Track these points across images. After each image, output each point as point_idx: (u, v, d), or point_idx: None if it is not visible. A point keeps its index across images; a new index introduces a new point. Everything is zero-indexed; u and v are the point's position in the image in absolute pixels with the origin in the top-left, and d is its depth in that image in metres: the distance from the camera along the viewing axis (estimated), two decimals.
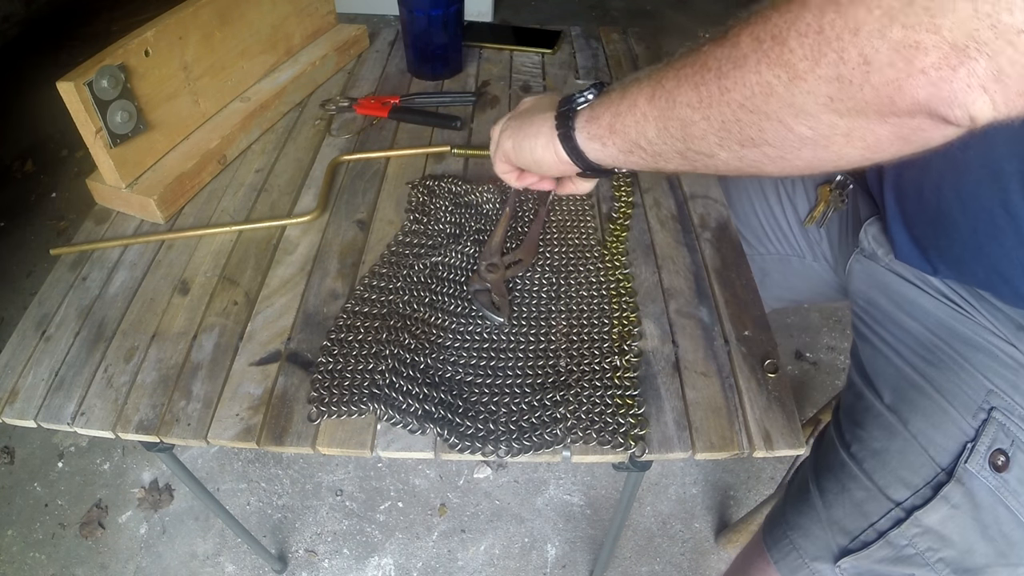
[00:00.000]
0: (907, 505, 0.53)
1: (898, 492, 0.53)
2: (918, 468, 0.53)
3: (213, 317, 0.60)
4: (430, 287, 0.61)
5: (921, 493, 0.52)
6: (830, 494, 0.59)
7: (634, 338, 0.57)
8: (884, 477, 0.55)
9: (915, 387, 0.56)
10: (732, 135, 0.35)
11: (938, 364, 0.55)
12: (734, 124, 0.35)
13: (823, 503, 0.59)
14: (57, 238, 1.68)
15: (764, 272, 0.81)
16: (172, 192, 0.70)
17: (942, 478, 0.51)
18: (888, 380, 0.59)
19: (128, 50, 0.64)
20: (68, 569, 1.11)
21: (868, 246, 0.65)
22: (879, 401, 0.58)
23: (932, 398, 0.54)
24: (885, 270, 0.64)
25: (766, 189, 0.78)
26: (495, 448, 0.49)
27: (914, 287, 0.61)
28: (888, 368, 0.59)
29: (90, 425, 0.52)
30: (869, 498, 0.55)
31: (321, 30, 0.95)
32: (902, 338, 0.60)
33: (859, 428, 0.59)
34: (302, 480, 1.23)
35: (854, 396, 0.62)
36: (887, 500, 0.54)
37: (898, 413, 0.56)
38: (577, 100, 0.46)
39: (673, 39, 2.53)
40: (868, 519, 0.55)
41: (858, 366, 0.64)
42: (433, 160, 0.79)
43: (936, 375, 0.55)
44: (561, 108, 0.47)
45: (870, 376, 0.61)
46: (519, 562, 1.13)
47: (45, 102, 0.92)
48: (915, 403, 0.55)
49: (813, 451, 0.65)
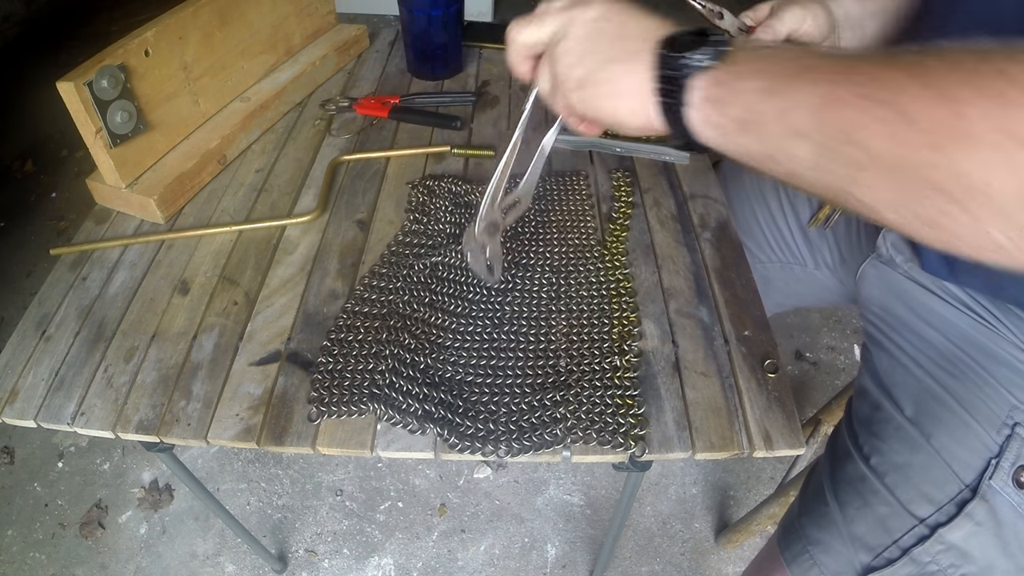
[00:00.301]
0: (931, 522, 0.52)
1: (922, 508, 0.52)
2: (942, 484, 0.52)
3: (213, 317, 0.60)
4: (430, 287, 0.61)
5: (945, 510, 0.51)
6: (851, 508, 0.57)
7: (634, 338, 0.57)
8: (907, 492, 0.53)
9: (937, 400, 0.54)
10: (911, 207, 0.28)
11: (960, 377, 0.54)
12: (920, 198, 0.27)
13: (843, 517, 0.58)
14: (57, 238, 1.68)
15: (766, 280, 0.80)
16: (172, 192, 0.70)
17: (966, 495, 0.50)
18: (908, 391, 0.57)
19: (128, 50, 0.64)
20: (68, 569, 1.11)
21: (886, 252, 0.63)
22: (899, 413, 0.56)
23: (955, 412, 0.53)
24: (903, 277, 0.62)
25: (767, 196, 0.78)
26: (495, 448, 0.49)
27: (934, 296, 0.59)
28: (908, 379, 0.58)
29: (90, 425, 0.52)
30: (892, 514, 0.54)
31: (321, 30, 0.95)
32: (922, 348, 0.58)
33: (878, 439, 0.57)
34: (302, 480, 1.23)
35: (870, 406, 0.60)
36: (911, 516, 0.53)
37: (920, 427, 0.55)
38: (691, 62, 0.34)
39: None
40: (891, 535, 0.54)
41: (873, 374, 0.62)
42: (433, 160, 0.79)
43: (959, 388, 0.54)
44: (665, 66, 0.35)
45: (888, 386, 0.59)
46: (519, 562, 1.13)
47: (45, 102, 0.92)
48: (938, 417, 0.54)
49: (828, 460, 0.63)
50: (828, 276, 0.76)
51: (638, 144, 0.78)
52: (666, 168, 0.77)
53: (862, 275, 0.67)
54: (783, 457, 0.56)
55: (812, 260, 0.76)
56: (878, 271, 0.65)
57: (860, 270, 0.68)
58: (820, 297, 0.80)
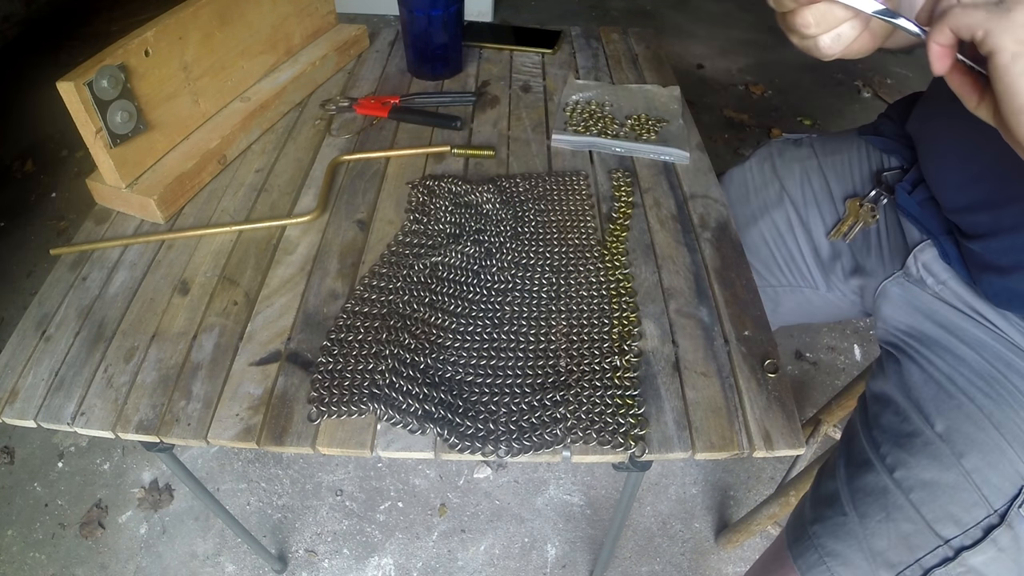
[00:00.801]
0: (956, 544, 0.51)
1: (947, 529, 0.51)
2: (970, 507, 0.51)
3: (213, 317, 0.60)
4: (430, 287, 0.61)
5: (971, 533, 0.51)
6: (872, 520, 0.56)
7: (634, 338, 0.57)
8: (934, 512, 0.52)
9: (971, 420, 0.53)
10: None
11: (996, 398, 0.53)
12: None
13: (864, 530, 0.56)
14: (57, 238, 1.68)
15: (776, 303, 0.79)
16: (172, 192, 0.70)
17: (994, 520, 0.50)
18: (941, 408, 0.55)
19: (128, 50, 0.64)
20: (68, 569, 1.11)
21: (916, 272, 0.62)
22: (930, 428, 0.55)
23: (989, 434, 0.52)
24: (933, 298, 0.61)
25: (775, 215, 0.76)
26: (495, 448, 0.49)
27: (967, 316, 0.58)
28: (940, 395, 0.56)
29: (90, 425, 0.52)
30: (916, 532, 0.53)
31: (321, 30, 0.95)
32: (956, 366, 0.57)
33: (905, 452, 0.55)
34: (302, 480, 1.23)
35: (896, 415, 0.58)
36: (935, 536, 0.52)
37: (952, 445, 0.53)
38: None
39: (673, 39, 2.53)
40: (914, 554, 0.53)
41: (902, 386, 0.60)
42: (433, 160, 0.79)
43: (995, 411, 0.53)
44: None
45: (918, 400, 0.57)
46: (519, 562, 1.13)
47: (45, 102, 0.92)
48: (971, 437, 0.52)
49: (844, 465, 0.61)
50: (841, 297, 0.74)
51: (638, 144, 0.78)
52: (666, 168, 0.77)
53: (883, 292, 0.66)
54: (783, 457, 0.57)
55: (824, 282, 0.74)
56: (904, 290, 0.64)
57: (881, 286, 0.66)
58: (831, 315, 0.78)
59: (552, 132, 0.81)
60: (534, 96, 0.90)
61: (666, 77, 0.94)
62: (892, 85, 2.29)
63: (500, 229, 0.67)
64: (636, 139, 0.79)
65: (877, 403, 0.61)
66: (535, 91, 0.91)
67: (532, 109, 0.87)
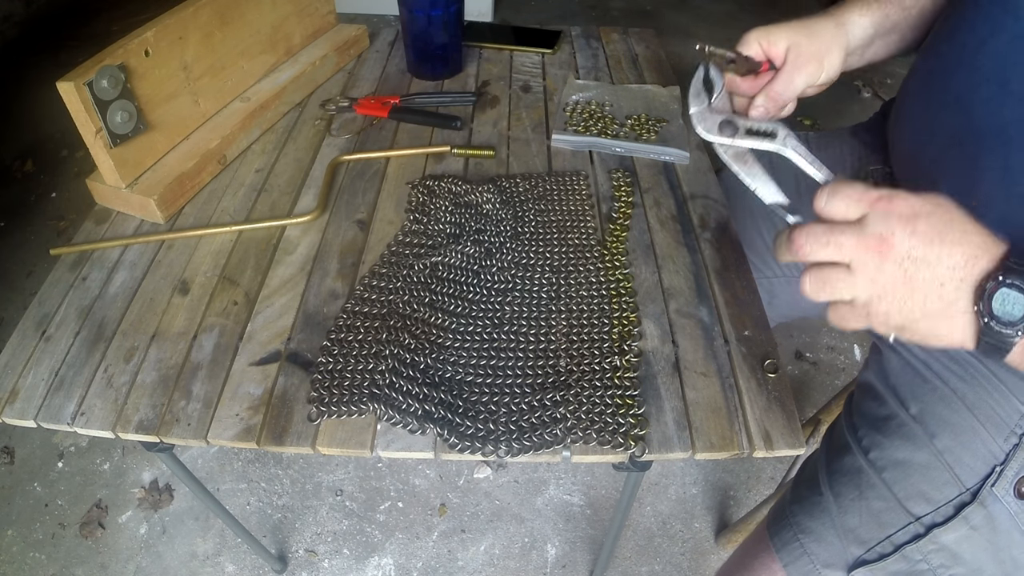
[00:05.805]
0: (927, 521, 0.52)
1: (918, 507, 0.52)
2: (941, 485, 0.52)
3: (213, 317, 0.60)
4: (430, 287, 0.61)
5: (942, 511, 0.51)
6: (845, 499, 0.57)
7: (634, 338, 0.57)
8: (905, 489, 0.53)
9: (945, 402, 0.54)
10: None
11: (971, 381, 0.54)
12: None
13: (837, 508, 0.58)
14: (57, 238, 1.68)
15: (771, 294, 0.80)
16: (172, 192, 0.70)
17: (966, 498, 0.51)
18: (916, 391, 0.57)
19: (128, 50, 0.64)
20: (68, 569, 1.11)
21: None
22: (904, 411, 0.56)
23: (963, 416, 0.53)
24: None
25: (770, 210, 0.77)
26: (495, 448, 0.49)
27: None
28: (916, 380, 0.57)
29: (90, 425, 0.52)
30: (887, 509, 0.54)
31: (321, 30, 0.95)
32: (932, 352, 0.57)
33: (879, 434, 0.57)
34: (302, 480, 1.23)
35: (874, 400, 0.60)
36: (906, 513, 0.53)
37: (925, 426, 0.54)
38: (1015, 334, 0.36)
39: (673, 39, 2.53)
40: (885, 530, 0.54)
41: (881, 373, 0.61)
42: (433, 160, 0.79)
43: (969, 393, 0.53)
44: (987, 336, 0.37)
45: (895, 386, 0.59)
46: (519, 562, 1.13)
47: (45, 102, 0.92)
48: (944, 419, 0.53)
49: (824, 451, 0.63)
50: None
51: (638, 144, 0.78)
52: (666, 168, 0.77)
53: None
54: (783, 457, 0.56)
55: None
56: None
57: None
58: (824, 307, 0.79)
59: (552, 132, 0.81)
60: (534, 96, 0.90)
61: (666, 77, 0.94)
62: (892, 85, 2.29)
63: (500, 229, 0.67)
64: (636, 139, 0.79)
65: (860, 393, 0.63)
66: (535, 91, 0.91)
67: (532, 109, 0.87)
